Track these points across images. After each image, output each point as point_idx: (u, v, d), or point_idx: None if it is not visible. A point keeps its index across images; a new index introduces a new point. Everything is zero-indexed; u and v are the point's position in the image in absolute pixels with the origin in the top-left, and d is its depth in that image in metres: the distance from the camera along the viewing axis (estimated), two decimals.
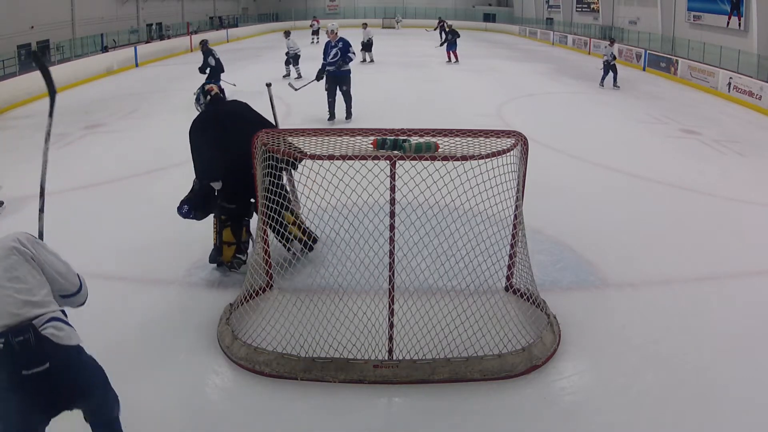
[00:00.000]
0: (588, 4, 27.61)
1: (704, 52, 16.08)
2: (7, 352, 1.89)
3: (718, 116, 11.38)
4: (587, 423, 2.93)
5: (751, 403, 3.07)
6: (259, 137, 3.50)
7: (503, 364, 3.21)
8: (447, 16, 32.62)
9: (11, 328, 1.91)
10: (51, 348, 1.96)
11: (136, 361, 3.33)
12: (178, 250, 4.71)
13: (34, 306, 1.98)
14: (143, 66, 17.96)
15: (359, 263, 3.47)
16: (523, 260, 3.78)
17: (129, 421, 2.89)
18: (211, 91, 4.39)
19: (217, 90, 4.44)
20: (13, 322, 1.92)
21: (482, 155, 3.23)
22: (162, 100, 11.39)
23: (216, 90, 4.43)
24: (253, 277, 3.80)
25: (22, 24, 17.34)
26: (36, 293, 2.00)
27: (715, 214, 5.88)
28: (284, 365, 3.19)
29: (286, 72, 14.50)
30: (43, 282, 2.06)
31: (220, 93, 4.45)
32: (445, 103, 11.40)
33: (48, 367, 1.93)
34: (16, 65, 15.04)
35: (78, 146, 8.32)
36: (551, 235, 5.05)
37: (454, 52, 18.18)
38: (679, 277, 4.46)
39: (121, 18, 23.75)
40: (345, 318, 3.40)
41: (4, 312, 1.92)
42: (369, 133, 3.35)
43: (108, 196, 6.20)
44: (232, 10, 35.58)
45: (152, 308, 3.92)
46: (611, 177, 6.96)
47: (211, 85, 4.50)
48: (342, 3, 39.88)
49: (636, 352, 3.48)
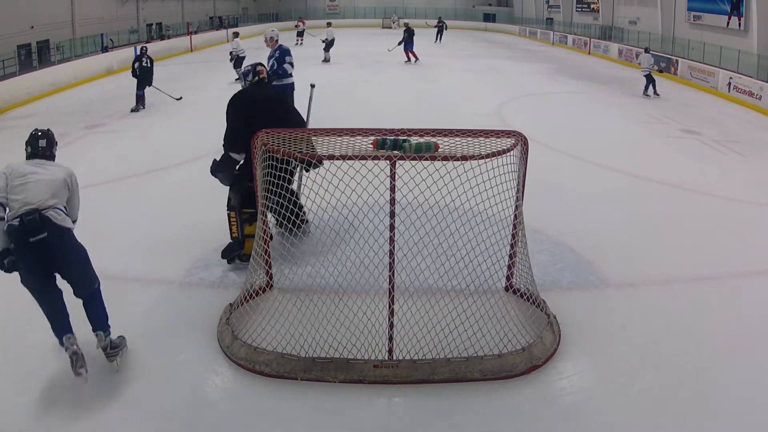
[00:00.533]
0: (588, 4, 27.60)
1: (704, 52, 16.08)
2: (20, 227, 2.92)
3: (718, 116, 11.38)
4: (587, 423, 2.93)
5: (751, 403, 3.07)
6: (259, 137, 3.50)
7: (503, 364, 3.21)
8: (447, 16, 32.63)
9: (25, 212, 2.94)
10: (49, 224, 2.97)
11: (136, 361, 3.33)
12: (178, 250, 4.71)
13: (44, 203, 3.00)
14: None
15: (359, 263, 3.47)
16: (523, 260, 3.78)
17: (129, 420, 2.89)
18: (260, 73, 4.64)
19: (265, 75, 4.68)
20: (26, 210, 2.94)
21: (482, 155, 3.24)
22: (162, 100, 11.38)
23: (264, 74, 4.67)
24: (253, 277, 3.80)
25: (22, 24, 17.33)
26: (53, 199, 3.05)
27: (715, 214, 5.88)
28: (284, 365, 3.19)
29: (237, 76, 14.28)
30: (63, 197, 3.14)
31: (266, 78, 4.70)
32: (445, 103, 11.40)
33: (46, 236, 2.95)
34: (16, 65, 15.04)
35: (78, 146, 8.31)
36: (551, 235, 5.05)
37: (412, 51, 17.85)
38: (679, 277, 4.46)
39: (121, 18, 23.74)
40: (345, 318, 3.41)
41: (25, 203, 2.96)
42: (369, 133, 3.35)
43: (108, 196, 6.19)
44: (232, 10, 35.58)
45: (152, 308, 3.92)
46: (611, 177, 6.95)
47: (262, 68, 4.69)
48: (342, 3, 39.88)
49: (636, 352, 3.48)
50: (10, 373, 3.23)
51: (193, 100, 11.65)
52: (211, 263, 4.52)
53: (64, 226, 3.04)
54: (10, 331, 3.65)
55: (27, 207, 2.95)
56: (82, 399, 3.02)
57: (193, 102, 11.54)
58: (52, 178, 3.11)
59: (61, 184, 3.14)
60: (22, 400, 3.01)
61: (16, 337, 3.58)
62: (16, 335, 3.61)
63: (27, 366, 3.29)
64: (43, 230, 2.94)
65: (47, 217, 2.97)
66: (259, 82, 4.65)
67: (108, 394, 3.07)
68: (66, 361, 3.11)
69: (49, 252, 2.98)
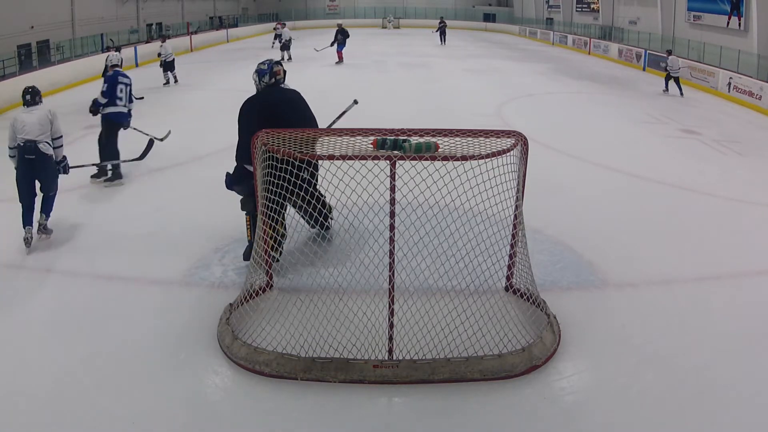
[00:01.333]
0: (588, 4, 27.60)
1: (704, 52, 16.09)
2: (21, 149, 4.73)
3: (718, 116, 11.38)
4: (587, 423, 2.93)
5: (751, 403, 3.07)
6: (259, 137, 3.50)
7: (503, 364, 3.21)
8: (447, 16, 32.59)
9: (25, 141, 4.71)
10: (38, 151, 4.74)
11: (136, 361, 3.33)
12: (178, 250, 4.71)
13: (38, 136, 4.77)
14: (143, 66, 17.95)
15: (359, 263, 3.47)
16: (523, 260, 3.78)
17: (129, 420, 2.89)
18: (277, 74, 4.26)
19: (282, 75, 4.30)
20: (26, 140, 4.71)
21: (482, 155, 3.23)
22: (162, 100, 11.38)
23: (282, 75, 4.30)
24: (253, 277, 3.80)
25: (22, 24, 17.32)
26: (43, 133, 4.81)
27: (715, 214, 5.88)
28: (284, 365, 3.19)
29: (165, 80, 14.03)
30: (47, 130, 4.85)
31: (283, 78, 4.33)
32: (445, 103, 11.40)
33: (34, 157, 4.73)
34: (16, 65, 15.03)
35: (78, 146, 8.30)
36: (551, 235, 5.05)
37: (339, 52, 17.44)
38: (679, 277, 4.46)
39: (121, 18, 23.73)
40: (345, 318, 3.41)
41: (25, 138, 4.71)
42: (369, 133, 3.35)
43: (108, 196, 6.20)
44: (232, 10, 35.57)
45: (152, 308, 3.92)
46: (611, 177, 6.96)
47: (279, 68, 4.34)
48: (342, 3, 39.88)
49: (636, 352, 3.48)
50: (11, 373, 3.23)
51: (193, 101, 11.65)
52: (211, 263, 4.52)
53: (46, 153, 4.84)
54: (10, 334, 3.65)
55: (26, 138, 4.77)
56: (83, 399, 3.02)
57: (193, 102, 11.55)
58: (38, 119, 4.85)
59: (45, 119, 4.87)
60: (21, 400, 3.01)
61: (17, 340, 3.58)
62: (16, 340, 3.61)
63: (27, 366, 3.29)
64: (33, 154, 4.76)
65: (37, 146, 4.78)
66: (274, 84, 4.29)
67: (108, 394, 3.06)
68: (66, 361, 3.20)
69: (33, 166, 4.79)
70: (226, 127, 9.15)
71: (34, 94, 5.01)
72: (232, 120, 4.48)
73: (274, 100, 4.20)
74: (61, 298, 4.05)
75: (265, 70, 4.30)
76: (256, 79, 4.37)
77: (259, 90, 4.35)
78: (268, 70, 4.29)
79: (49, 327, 3.67)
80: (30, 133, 4.74)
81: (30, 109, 4.92)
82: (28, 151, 4.71)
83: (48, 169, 4.86)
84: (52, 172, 4.92)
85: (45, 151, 4.78)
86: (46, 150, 4.79)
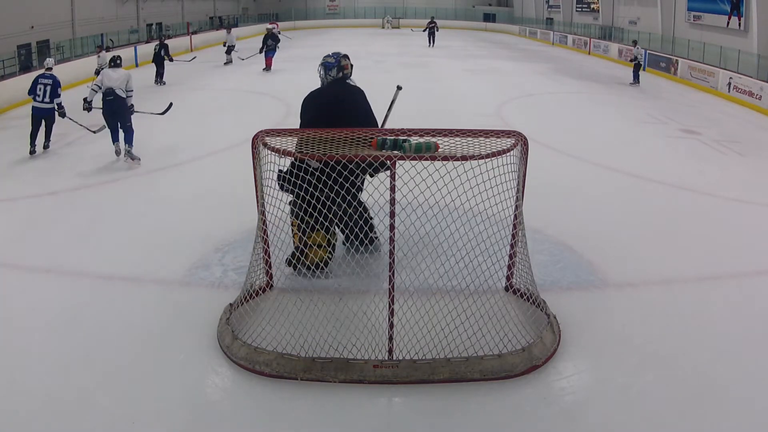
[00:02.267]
0: (588, 4, 27.60)
1: (704, 52, 16.09)
2: (104, 94, 7.25)
3: (718, 116, 11.38)
4: (587, 423, 2.93)
5: (751, 403, 3.07)
6: (259, 137, 3.50)
7: (503, 364, 3.21)
8: (447, 16, 32.63)
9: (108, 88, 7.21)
10: (115, 94, 7.20)
11: (137, 361, 3.33)
12: (178, 250, 4.71)
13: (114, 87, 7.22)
14: (143, 66, 17.95)
15: (359, 263, 3.47)
16: (523, 260, 3.78)
17: (129, 420, 2.89)
18: (345, 68, 4.05)
19: (350, 69, 4.12)
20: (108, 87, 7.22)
21: (482, 155, 3.23)
22: (162, 100, 11.36)
23: (350, 69, 4.11)
24: (253, 277, 3.80)
25: (22, 24, 17.32)
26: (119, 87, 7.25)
27: (715, 214, 5.88)
28: (284, 365, 3.19)
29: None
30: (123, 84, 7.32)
31: (350, 73, 4.17)
32: (445, 103, 11.41)
33: (112, 98, 7.20)
34: (17, 65, 15.04)
35: (78, 146, 8.31)
36: (551, 235, 5.05)
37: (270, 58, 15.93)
38: (679, 277, 4.46)
39: (121, 18, 23.73)
40: (345, 318, 3.41)
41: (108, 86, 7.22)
42: (369, 133, 3.35)
43: (108, 196, 6.20)
44: (232, 10, 35.58)
45: (152, 308, 3.92)
46: (611, 177, 6.96)
47: (348, 62, 4.15)
48: (342, 3, 39.88)
49: (636, 352, 3.48)
50: (11, 374, 3.23)
51: (193, 101, 11.65)
52: (211, 263, 4.52)
53: (120, 96, 7.21)
54: (10, 334, 3.65)
55: (108, 86, 7.17)
56: (83, 399, 3.02)
57: (194, 102, 11.55)
58: (118, 76, 7.30)
59: (123, 79, 7.33)
60: (21, 400, 3.01)
61: (17, 340, 3.58)
62: (16, 339, 3.61)
63: (27, 366, 3.29)
64: (111, 96, 7.16)
65: (114, 92, 7.16)
66: (341, 78, 4.02)
67: (108, 394, 3.06)
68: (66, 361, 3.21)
69: (111, 104, 7.21)
70: (226, 127, 9.22)
71: (117, 59, 7.68)
72: (232, 120, 4.49)
73: (340, 96, 3.95)
74: (61, 298, 4.05)
75: (333, 63, 4.04)
76: (321, 72, 4.10)
77: (324, 84, 4.09)
78: (335, 64, 4.03)
79: (49, 327, 3.67)
80: (112, 84, 7.25)
81: (115, 69, 7.46)
82: (108, 94, 7.21)
83: (121, 107, 7.28)
84: (124, 109, 7.34)
85: (119, 95, 7.25)
86: (120, 94, 7.26)
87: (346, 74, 4.01)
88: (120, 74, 7.36)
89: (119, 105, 7.23)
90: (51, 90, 7.81)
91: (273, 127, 4.39)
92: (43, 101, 7.79)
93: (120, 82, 7.29)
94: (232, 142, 7.88)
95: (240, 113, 10.46)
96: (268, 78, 14.92)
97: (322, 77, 4.14)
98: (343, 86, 4.06)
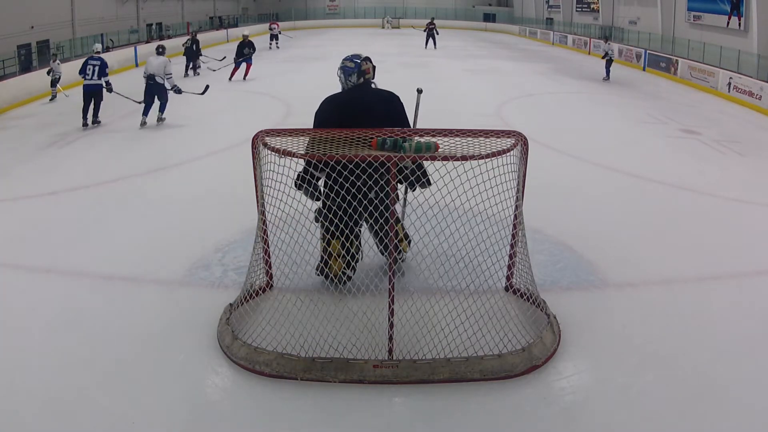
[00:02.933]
0: (588, 4, 27.61)
1: (704, 52, 16.09)
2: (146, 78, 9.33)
3: (718, 116, 11.38)
4: (587, 423, 2.93)
5: (751, 403, 3.07)
6: (259, 137, 3.50)
7: (503, 364, 3.21)
8: (447, 16, 32.62)
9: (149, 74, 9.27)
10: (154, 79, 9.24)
11: (137, 361, 3.33)
12: (178, 251, 4.71)
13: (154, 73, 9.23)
14: (143, 66, 17.97)
15: (359, 263, 3.47)
16: (523, 260, 3.78)
17: (129, 420, 2.89)
18: (367, 72, 3.72)
19: (372, 72, 3.79)
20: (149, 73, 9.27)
21: (482, 155, 3.23)
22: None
23: (371, 73, 3.78)
24: (253, 277, 3.80)
25: (22, 24, 17.33)
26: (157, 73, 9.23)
27: (715, 214, 5.88)
28: (284, 365, 3.19)
29: (53, 95, 12.69)
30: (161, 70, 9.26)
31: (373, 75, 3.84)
32: (445, 103, 11.40)
33: (152, 83, 9.27)
34: (16, 65, 15.05)
35: (78, 146, 8.32)
36: (551, 235, 5.05)
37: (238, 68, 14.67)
38: (679, 277, 4.46)
39: (121, 18, 23.74)
40: (345, 318, 3.41)
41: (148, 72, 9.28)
42: (369, 133, 3.35)
43: (108, 196, 6.20)
44: (232, 10, 35.58)
45: (152, 308, 3.92)
46: (611, 177, 6.96)
47: (369, 65, 3.80)
48: (342, 3, 39.89)
49: (636, 352, 3.48)
50: (11, 374, 3.23)
51: (192, 101, 11.64)
52: (211, 263, 4.52)
53: (159, 82, 9.12)
54: (10, 334, 3.65)
55: (149, 72, 9.13)
56: (83, 399, 3.02)
57: (193, 102, 11.54)
58: (157, 63, 9.12)
59: (161, 65, 9.12)
60: (21, 400, 3.01)
61: (16, 341, 3.58)
62: (16, 339, 3.61)
63: (27, 366, 3.29)
64: (152, 81, 9.13)
65: (154, 77, 9.12)
66: (363, 84, 3.75)
67: (108, 394, 3.07)
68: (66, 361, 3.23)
69: (151, 87, 9.20)
70: (225, 127, 9.22)
71: (160, 48, 9.60)
72: (232, 120, 4.48)
73: (351, 103, 3.70)
74: (61, 298, 4.05)
75: (352, 68, 3.74)
76: (341, 77, 3.83)
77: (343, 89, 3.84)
78: (355, 69, 3.73)
79: (49, 327, 3.66)
80: (152, 71, 9.09)
81: (157, 56, 9.23)
82: (150, 79, 9.05)
83: (159, 90, 9.24)
84: (162, 91, 9.27)
85: (158, 81, 9.12)
86: (159, 80, 9.11)
87: (368, 79, 3.76)
88: (160, 61, 9.14)
89: (158, 88, 9.23)
90: (99, 69, 9.20)
91: (273, 127, 4.39)
92: (92, 79, 9.18)
93: (158, 68, 9.06)
94: (232, 142, 7.89)
95: (240, 113, 10.48)
96: (268, 78, 14.91)
97: (342, 83, 3.88)
98: (363, 90, 3.79)
